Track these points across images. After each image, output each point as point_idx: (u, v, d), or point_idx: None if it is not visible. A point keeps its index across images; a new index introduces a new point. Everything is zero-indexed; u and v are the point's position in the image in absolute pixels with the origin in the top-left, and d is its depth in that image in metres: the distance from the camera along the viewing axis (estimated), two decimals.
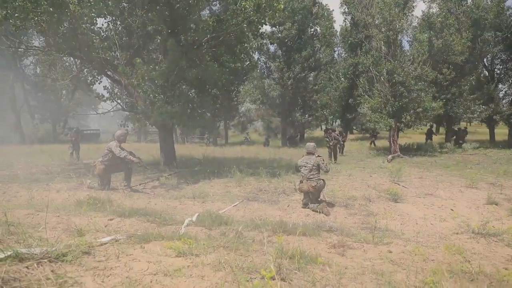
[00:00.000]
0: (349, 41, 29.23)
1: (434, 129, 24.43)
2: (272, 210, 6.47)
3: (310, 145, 7.05)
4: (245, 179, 9.25)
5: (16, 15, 8.56)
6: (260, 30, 11.34)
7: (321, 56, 27.14)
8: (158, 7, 9.48)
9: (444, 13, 20.07)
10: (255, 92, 26.39)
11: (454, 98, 21.15)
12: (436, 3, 22.60)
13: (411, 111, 16.99)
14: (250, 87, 27.16)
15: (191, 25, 10.03)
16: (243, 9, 9.96)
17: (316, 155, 6.85)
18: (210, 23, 10.10)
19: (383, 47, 16.98)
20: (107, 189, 7.80)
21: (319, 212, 6.20)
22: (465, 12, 20.56)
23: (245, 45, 11.92)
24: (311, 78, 26.95)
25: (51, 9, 8.68)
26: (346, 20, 30.17)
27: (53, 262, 2.70)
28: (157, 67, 9.58)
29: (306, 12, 24.94)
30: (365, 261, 3.65)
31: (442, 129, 26.62)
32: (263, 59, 26.29)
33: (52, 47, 10.24)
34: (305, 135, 33.01)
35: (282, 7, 10.03)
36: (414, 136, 28.87)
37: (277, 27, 24.87)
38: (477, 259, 3.74)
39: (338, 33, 31.80)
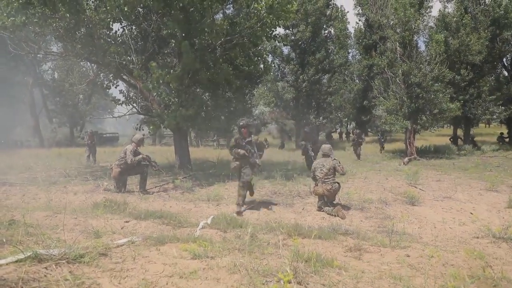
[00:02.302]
0: (364, 43, 28.93)
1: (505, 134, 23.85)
2: (287, 213, 6.43)
3: (326, 147, 6.95)
4: (260, 181, 9.23)
5: (35, 21, 8.78)
6: (274, 33, 11.34)
7: (335, 58, 27.00)
8: (172, 11, 9.58)
9: (459, 13, 19.68)
10: (269, 94, 26.41)
11: (472, 99, 20.68)
12: (452, 2, 22.17)
13: (428, 113, 16.69)
14: (264, 90, 27.17)
15: (205, 29, 10.10)
16: (256, 11, 9.98)
17: (332, 158, 6.76)
18: (224, 26, 10.15)
19: (398, 48, 16.75)
20: (123, 192, 7.90)
21: (335, 215, 6.13)
22: (484, 11, 20.10)
23: (259, 47, 11.93)
24: (325, 80, 26.84)
25: (68, 15, 8.89)
26: (360, 21, 29.94)
27: (71, 263, 2.73)
28: (171, 70, 9.66)
29: (320, 14, 24.85)
30: (382, 265, 3.58)
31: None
32: (277, 61, 26.27)
33: (69, 53, 10.47)
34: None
35: (295, 8, 10.01)
36: (431, 138, 28.40)
37: (291, 29, 24.87)
38: (499, 264, 3.62)
39: (352, 34, 31.58)
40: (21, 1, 8.41)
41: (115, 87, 12.58)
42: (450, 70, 17.22)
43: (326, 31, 26.78)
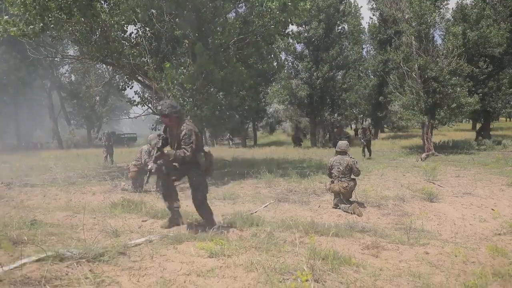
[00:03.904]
0: (378, 38, 28.61)
1: None
2: (303, 210, 6.40)
3: (343, 143, 6.86)
4: (275, 180, 9.22)
5: (52, 26, 8.98)
6: (287, 30, 11.28)
7: (349, 54, 26.70)
8: (185, 12, 9.64)
9: (479, 4, 19.19)
10: (283, 92, 26.30)
11: (491, 92, 20.16)
12: None
13: (445, 107, 16.36)
14: (277, 88, 27.09)
15: (218, 28, 10.13)
16: (269, 10, 9.95)
17: (349, 156, 6.69)
18: (237, 25, 10.16)
19: (414, 42, 16.46)
20: (140, 192, 8.00)
21: (351, 213, 6.07)
22: (503, 1, 19.53)
23: (272, 46, 11.89)
24: (339, 77, 26.56)
25: (83, 19, 9.06)
26: (374, 16, 29.57)
27: (91, 262, 2.78)
28: (185, 70, 9.73)
29: (333, 10, 24.61)
30: (401, 262, 3.54)
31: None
32: (290, 59, 26.14)
33: (85, 55, 10.68)
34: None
35: (308, 6, 9.92)
36: (449, 133, 27.84)
37: (304, 26, 24.68)
38: None
39: (366, 30, 31.20)
40: (38, 7, 8.61)
41: (130, 88, 12.76)
42: (468, 63, 16.82)
43: (340, 27, 26.47)
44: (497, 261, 3.45)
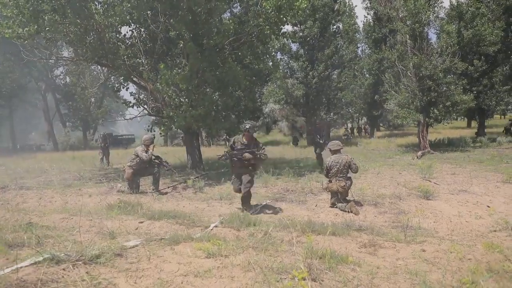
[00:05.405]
0: (373, 37, 28.68)
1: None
2: (300, 210, 6.41)
3: (336, 143, 6.87)
4: (272, 179, 9.22)
5: (46, 28, 8.94)
6: (282, 30, 11.29)
7: (344, 53, 26.76)
8: (180, 12, 9.61)
9: (475, 3, 19.31)
10: (279, 92, 26.33)
11: (486, 90, 20.31)
12: None
13: (440, 105, 16.44)
14: (273, 88, 27.10)
15: (213, 29, 10.11)
16: (264, 10, 9.95)
17: (345, 154, 6.69)
18: (231, 25, 10.14)
19: (408, 41, 16.52)
20: (136, 193, 7.98)
21: (348, 211, 6.09)
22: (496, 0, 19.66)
23: (267, 45, 11.87)
24: (335, 76, 26.61)
25: (78, 20, 9.01)
26: (368, 15, 29.63)
27: (88, 264, 2.77)
28: (180, 71, 9.71)
29: (328, 9, 24.66)
30: (398, 260, 3.55)
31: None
32: (286, 58, 26.17)
33: (80, 57, 10.63)
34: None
35: (304, 5, 9.91)
36: (444, 131, 27.97)
37: (299, 26, 24.72)
38: None
39: (361, 29, 31.28)
40: (31, 9, 8.56)
41: (126, 90, 12.71)
42: (462, 61, 16.92)
43: (335, 26, 26.53)
44: (492, 258, 3.46)
